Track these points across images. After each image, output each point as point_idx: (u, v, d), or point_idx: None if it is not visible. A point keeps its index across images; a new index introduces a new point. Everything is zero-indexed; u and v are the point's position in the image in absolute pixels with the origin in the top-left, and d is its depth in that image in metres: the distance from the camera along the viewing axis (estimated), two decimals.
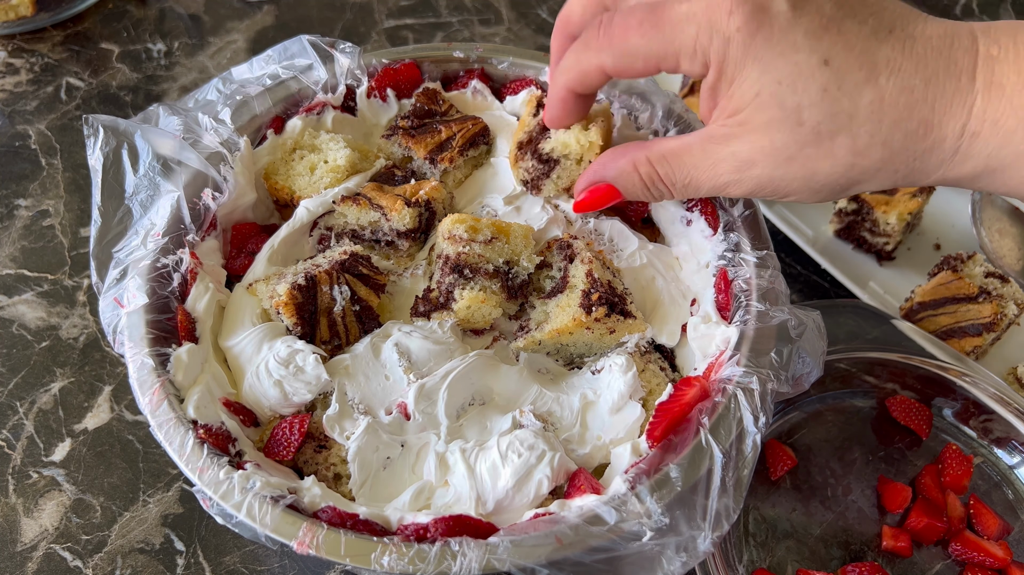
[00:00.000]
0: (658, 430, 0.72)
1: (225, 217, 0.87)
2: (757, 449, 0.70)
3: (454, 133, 0.92)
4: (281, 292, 0.78)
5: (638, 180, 0.75)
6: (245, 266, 0.86)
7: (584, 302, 0.78)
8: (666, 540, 0.65)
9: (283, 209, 0.92)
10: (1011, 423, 0.94)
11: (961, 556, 0.89)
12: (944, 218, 1.23)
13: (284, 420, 0.77)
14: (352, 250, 0.83)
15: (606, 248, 0.88)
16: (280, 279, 0.81)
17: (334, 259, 0.81)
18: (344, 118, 0.96)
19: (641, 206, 0.91)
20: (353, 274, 0.81)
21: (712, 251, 0.84)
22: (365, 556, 0.64)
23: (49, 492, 0.95)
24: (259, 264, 0.85)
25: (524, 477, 0.71)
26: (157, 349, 0.76)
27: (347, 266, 0.81)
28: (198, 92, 0.90)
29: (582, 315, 0.78)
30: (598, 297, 0.78)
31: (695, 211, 0.86)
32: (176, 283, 0.80)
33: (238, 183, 0.86)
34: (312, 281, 0.79)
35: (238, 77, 0.92)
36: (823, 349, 0.76)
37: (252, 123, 0.90)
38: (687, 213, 0.87)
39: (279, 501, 0.67)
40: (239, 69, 0.92)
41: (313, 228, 0.89)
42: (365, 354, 0.80)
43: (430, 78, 0.97)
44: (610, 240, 0.89)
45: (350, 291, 0.81)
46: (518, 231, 0.83)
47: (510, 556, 0.63)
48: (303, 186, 0.89)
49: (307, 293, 0.79)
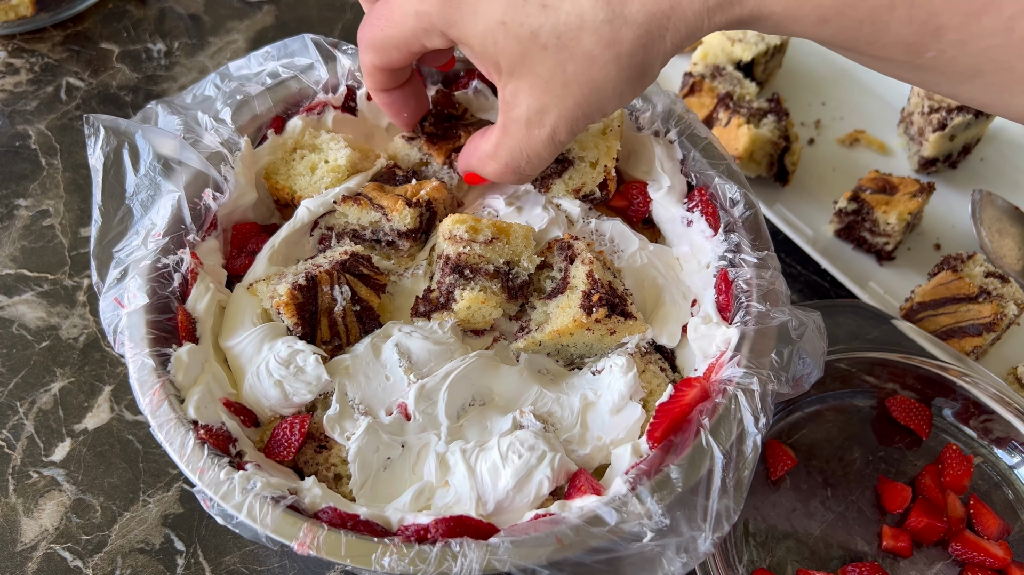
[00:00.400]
0: (658, 431, 0.72)
1: (225, 217, 0.87)
2: (758, 450, 0.70)
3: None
4: (282, 292, 0.78)
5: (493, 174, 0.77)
6: (245, 266, 0.86)
7: (585, 303, 0.78)
8: (666, 541, 0.65)
9: (284, 209, 0.92)
10: (1011, 423, 0.94)
11: (961, 556, 0.89)
12: (944, 218, 1.23)
13: (284, 420, 0.77)
14: (353, 250, 0.83)
15: (607, 248, 0.88)
16: (280, 279, 0.81)
17: (335, 259, 0.81)
18: (345, 118, 0.95)
19: (642, 207, 0.91)
20: (354, 274, 0.81)
21: (712, 252, 0.84)
22: (366, 557, 0.64)
23: (49, 492, 0.95)
24: (260, 264, 0.85)
25: (525, 477, 0.71)
26: (157, 349, 0.75)
27: (348, 266, 0.81)
28: (196, 87, 0.90)
29: (583, 316, 0.78)
30: (599, 298, 0.78)
31: (696, 211, 0.86)
32: (176, 283, 0.80)
33: (239, 183, 0.86)
34: (313, 281, 0.79)
35: (236, 72, 0.92)
36: (823, 350, 0.76)
37: (253, 123, 0.90)
38: (688, 214, 0.87)
39: (280, 502, 0.67)
40: (236, 64, 0.92)
41: (314, 228, 0.89)
42: (365, 354, 0.80)
43: (431, 81, 0.97)
44: (611, 240, 0.89)
45: (351, 291, 0.80)
46: (519, 231, 0.83)
47: (511, 557, 0.63)
48: (304, 186, 0.89)
49: (308, 293, 0.79)
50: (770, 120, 1.21)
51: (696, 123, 0.90)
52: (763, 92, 1.35)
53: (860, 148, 1.31)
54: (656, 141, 0.90)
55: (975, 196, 1.19)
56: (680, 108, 0.90)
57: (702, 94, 1.25)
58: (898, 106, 1.33)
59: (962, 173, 1.28)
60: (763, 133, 1.18)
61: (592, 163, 0.87)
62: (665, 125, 0.90)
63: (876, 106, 1.35)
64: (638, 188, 0.91)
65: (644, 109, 0.91)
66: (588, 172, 0.87)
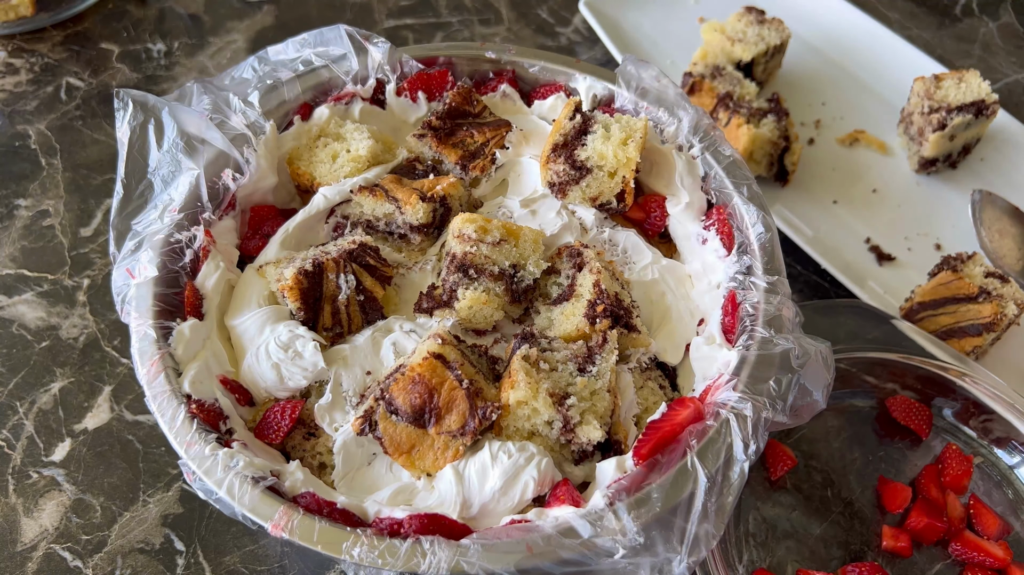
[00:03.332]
0: (645, 448, 0.71)
1: (245, 198, 0.88)
2: (744, 477, 0.68)
3: (488, 139, 0.92)
4: (287, 276, 0.79)
5: None
6: (259, 248, 0.87)
7: (589, 313, 0.78)
8: (640, 559, 0.64)
9: (304, 194, 0.93)
10: (1011, 423, 0.94)
11: (961, 556, 0.89)
12: (944, 218, 1.23)
13: (277, 404, 0.77)
14: (362, 240, 0.83)
15: (619, 259, 0.88)
16: (289, 263, 0.82)
17: (343, 248, 0.82)
18: (372, 110, 0.96)
19: (659, 220, 0.91)
20: (360, 264, 0.82)
21: (724, 272, 0.83)
22: (337, 545, 0.65)
23: (49, 492, 0.95)
24: (272, 247, 0.86)
25: (512, 478, 0.70)
26: (161, 322, 0.77)
27: (355, 255, 0.82)
28: (234, 69, 0.91)
29: (586, 326, 0.77)
30: (603, 309, 0.77)
31: (711, 230, 0.86)
32: (188, 259, 0.81)
33: (260, 166, 0.87)
34: (319, 267, 0.80)
35: (274, 57, 0.93)
36: (828, 381, 0.74)
37: (280, 108, 0.92)
38: (703, 231, 0.87)
39: (259, 482, 0.68)
40: (275, 48, 0.94)
41: (330, 215, 0.90)
42: (364, 347, 0.80)
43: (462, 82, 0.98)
44: (623, 251, 0.88)
45: (356, 280, 0.81)
46: (528, 235, 0.82)
47: (480, 559, 0.63)
48: (323, 173, 0.90)
49: (313, 279, 0.80)
50: (770, 120, 1.21)
51: (722, 140, 0.88)
52: (763, 92, 1.35)
53: (860, 148, 1.31)
54: (678, 155, 0.88)
55: (975, 196, 1.19)
56: (707, 123, 0.89)
57: (702, 94, 1.25)
58: (898, 106, 1.33)
59: (962, 173, 1.28)
60: (763, 133, 1.18)
61: (611, 173, 0.86)
62: (689, 140, 0.89)
63: (876, 106, 1.35)
64: (656, 201, 0.91)
65: (670, 122, 0.90)
66: (606, 182, 0.87)
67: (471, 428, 0.71)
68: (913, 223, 1.22)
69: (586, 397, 0.73)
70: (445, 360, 0.72)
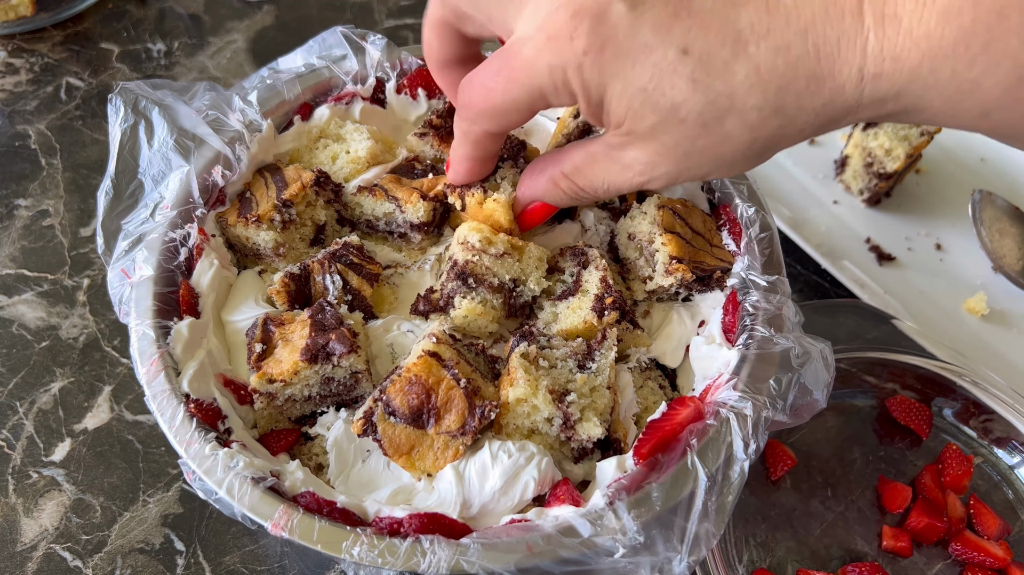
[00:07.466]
0: (645, 447, 0.71)
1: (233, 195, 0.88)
2: (744, 476, 0.68)
3: None
4: (275, 280, 0.80)
5: (562, 194, 0.74)
6: None
7: (596, 306, 0.77)
8: (640, 559, 0.64)
9: None
10: (1011, 423, 0.94)
11: (961, 556, 0.89)
12: (944, 218, 1.23)
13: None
14: (346, 239, 0.83)
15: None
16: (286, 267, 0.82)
17: (328, 249, 0.83)
18: (373, 110, 0.96)
19: None
20: (344, 263, 0.82)
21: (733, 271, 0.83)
22: (337, 544, 0.65)
23: (49, 492, 0.95)
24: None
25: (512, 478, 0.70)
26: (160, 321, 0.77)
27: (338, 255, 0.82)
28: (247, 81, 0.91)
29: (593, 318, 0.77)
30: (612, 301, 0.77)
31: (724, 230, 0.85)
32: (183, 257, 0.81)
33: (250, 163, 0.87)
34: (305, 270, 0.81)
35: (284, 68, 0.93)
36: (828, 381, 0.74)
37: (280, 108, 0.91)
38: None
39: (260, 482, 0.68)
40: (285, 59, 0.94)
41: None
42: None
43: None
44: None
45: (342, 280, 0.81)
46: (533, 252, 0.81)
47: (479, 558, 0.63)
48: None
49: (300, 282, 0.80)
50: None
51: None
52: None
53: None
54: None
55: (975, 196, 1.19)
56: None
57: None
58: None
59: (962, 173, 1.28)
60: None
61: None
62: None
63: None
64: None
65: None
66: None
67: (471, 427, 0.71)
68: (913, 223, 1.22)
69: (586, 394, 0.73)
70: (441, 359, 0.72)
